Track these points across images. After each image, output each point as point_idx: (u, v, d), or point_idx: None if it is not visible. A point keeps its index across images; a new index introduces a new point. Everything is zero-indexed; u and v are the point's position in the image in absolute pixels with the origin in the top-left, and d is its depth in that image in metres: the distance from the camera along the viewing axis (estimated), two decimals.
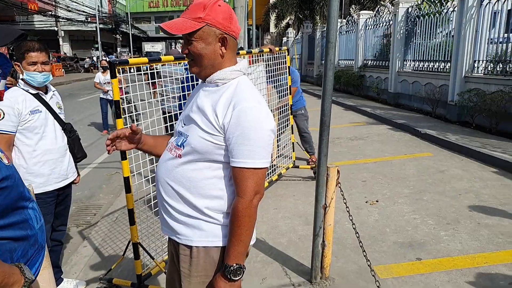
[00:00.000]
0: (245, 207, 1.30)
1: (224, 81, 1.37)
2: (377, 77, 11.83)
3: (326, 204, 2.87)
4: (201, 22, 1.30)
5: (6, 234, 1.02)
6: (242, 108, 1.28)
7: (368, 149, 6.34)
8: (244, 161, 1.29)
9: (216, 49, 1.34)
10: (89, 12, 31.82)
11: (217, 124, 1.31)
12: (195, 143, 1.34)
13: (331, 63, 2.68)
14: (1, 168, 1.01)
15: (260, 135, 1.29)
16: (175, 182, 1.40)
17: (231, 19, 1.34)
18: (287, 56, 5.04)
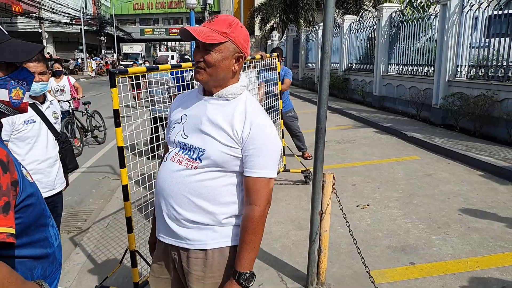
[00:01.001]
0: (260, 215, 1.40)
1: (234, 96, 1.47)
2: (362, 80, 12.00)
3: (322, 210, 2.89)
4: (226, 37, 1.39)
5: (27, 252, 1.03)
6: (259, 124, 1.42)
7: (356, 152, 6.42)
8: (259, 171, 1.41)
9: (230, 65, 1.43)
10: (74, 14, 31.36)
11: (236, 138, 1.41)
12: (216, 156, 1.42)
13: (326, 72, 2.72)
14: (26, 186, 1.02)
15: (273, 149, 1.43)
16: (191, 193, 1.44)
17: (248, 42, 1.48)
18: (277, 62, 5.09)
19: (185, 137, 1.48)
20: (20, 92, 1.07)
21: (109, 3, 43.75)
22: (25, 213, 1.01)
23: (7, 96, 1.04)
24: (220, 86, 1.45)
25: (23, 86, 1.07)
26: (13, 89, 1.05)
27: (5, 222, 0.90)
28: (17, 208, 0.98)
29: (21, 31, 28.09)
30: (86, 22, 32.72)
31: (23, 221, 1.00)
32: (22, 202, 1.00)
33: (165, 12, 42.73)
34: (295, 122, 5.97)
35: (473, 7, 7.13)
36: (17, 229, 0.97)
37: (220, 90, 1.45)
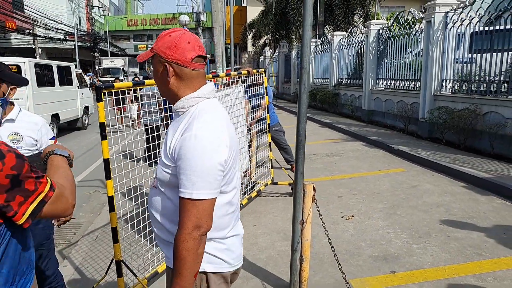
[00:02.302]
0: (182, 240, 1.26)
1: (183, 109, 1.40)
2: (351, 95, 12.20)
3: (303, 219, 2.97)
4: (152, 52, 1.41)
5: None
6: (185, 136, 1.29)
7: (344, 165, 6.52)
8: (183, 190, 1.28)
9: (163, 77, 1.40)
10: (68, 30, 31.57)
11: (170, 154, 1.34)
12: (159, 175, 1.41)
13: (305, 87, 2.84)
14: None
15: (199, 165, 1.26)
16: (155, 209, 1.49)
17: (175, 48, 1.35)
18: (264, 77, 5.23)
19: None
20: None
21: (103, 20, 44.19)
22: None
23: None
24: (173, 100, 1.43)
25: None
26: None
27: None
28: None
29: (15, 47, 28.22)
30: (80, 38, 32.96)
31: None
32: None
33: (159, 28, 43.12)
34: (282, 135, 6.07)
35: (456, 24, 7.37)
36: None
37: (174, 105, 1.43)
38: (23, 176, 1.01)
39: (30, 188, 1.03)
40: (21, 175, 1.01)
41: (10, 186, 0.99)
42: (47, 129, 2.31)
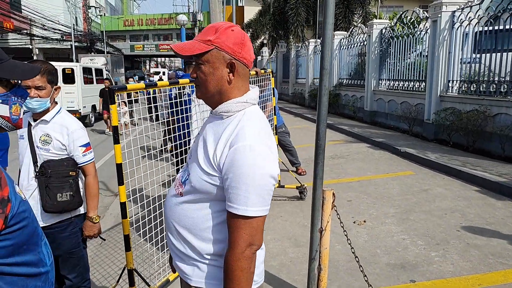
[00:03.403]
0: (235, 260, 1.19)
1: (229, 113, 1.28)
2: (352, 95, 12.10)
3: (322, 227, 2.84)
4: (210, 45, 1.24)
5: (20, 270, 1.00)
6: (237, 147, 1.18)
7: (350, 168, 6.40)
8: (236, 206, 1.18)
9: (223, 75, 1.26)
10: (65, 30, 31.28)
11: (215, 163, 1.22)
12: (195, 182, 1.27)
13: (325, 88, 2.70)
14: (20, 203, 1.00)
15: (255, 180, 1.17)
16: (176, 221, 1.35)
17: (243, 45, 1.26)
18: (271, 78, 5.09)
19: (190, 157, 1.39)
20: (18, 108, 1.10)
21: (99, 20, 43.90)
22: (17, 232, 0.98)
23: (7, 111, 1.06)
24: (219, 101, 1.29)
25: (21, 102, 1.10)
26: (13, 105, 1.07)
27: None
28: (9, 227, 0.95)
29: (12, 48, 27.90)
30: (77, 38, 32.64)
31: (15, 241, 0.98)
32: (14, 219, 0.97)
33: (155, 28, 42.98)
34: (287, 137, 5.99)
35: (463, 23, 7.27)
36: (9, 249, 0.96)
37: (217, 106, 1.30)
38: None
39: None
40: None
41: None
42: (79, 135, 2.21)
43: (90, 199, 2.31)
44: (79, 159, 2.22)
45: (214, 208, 1.28)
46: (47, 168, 2.15)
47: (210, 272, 1.32)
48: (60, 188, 2.15)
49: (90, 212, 2.31)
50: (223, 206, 1.25)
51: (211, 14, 24.94)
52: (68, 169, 2.18)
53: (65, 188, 2.16)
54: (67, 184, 2.18)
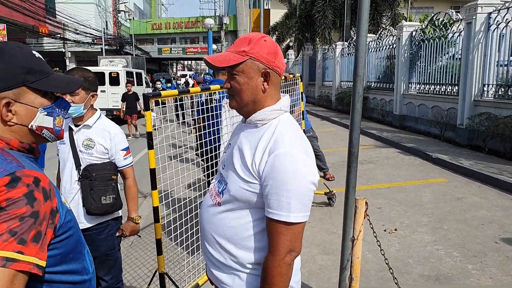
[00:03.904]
0: (275, 266, 1.20)
1: (264, 121, 1.30)
2: (381, 99, 11.87)
3: (354, 237, 2.79)
4: (245, 56, 1.27)
5: (66, 278, 1.02)
6: (277, 154, 1.20)
7: (379, 174, 6.27)
8: (277, 213, 1.19)
9: (258, 84, 1.28)
10: (95, 34, 32.28)
11: (253, 171, 1.24)
12: (234, 191, 1.28)
13: (359, 95, 2.66)
14: (65, 214, 1.02)
15: (296, 185, 1.18)
16: (215, 231, 1.35)
17: (276, 55, 1.30)
18: (300, 83, 5.06)
19: (223, 167, 1.39)
20: (61, 119, 1.13)
21: (128, 24, 45.00)
22: (64, 241, 1.00)
23: (52, 123, 1.09)
24: (253, 110, 1.31)
25: (64, 114, 1.13)
26: (56, 117, 1.10)
27: (34, 252, 0.88)
28: (58, 237, 0.97)
29: (47, 51, 29.00)
30: (107, 42, 33.63)
31: (63, 251, 1.00)
32: (62, 229, 0.99)
33: (182, 31, 43.61)
34: (315, 141, 5.91)
35: (500, 25, 7.00)
36: (57, 258, 0.97)
37: (251, 115, 1.32)
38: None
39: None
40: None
41: None
42: (120, 139, 2.29)
43: (130, 201, 2.40)
44: (120, 162, 2.29)
45: (254, 216, 1.29)
46: (91, 171, 2.20)
47: (251, 281, 1.32)
48: (104, 191, 2.22)
49: (132, 213, 2.40)
50: (263, 214, 1.25)
51: (237, 18, 25.12)
52: (110, 172, 2.26)
53: (109, 191, 2.23)
54: (110, 187, 2.25)
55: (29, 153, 1.06)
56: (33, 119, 1.04)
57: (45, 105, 1.06)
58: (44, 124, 1.07)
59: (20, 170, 0.93)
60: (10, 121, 1.01)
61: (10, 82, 0.99)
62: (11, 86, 1.00)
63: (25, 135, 1.05)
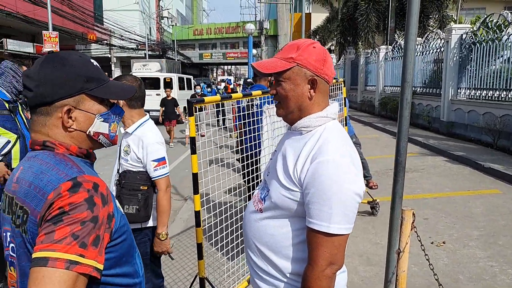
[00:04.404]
0: (314, 278, 1.15)
1: (309, 128, 1.27)
2: (427, 104, 11.40)
3: (400, 249, 2.67)
4: (292, 62, 1.25)
5: (120, 281, 1.04)
6: (320, 161, 1.16)
7: (425, 183, 6.00)
8: (317, 223, 1.14)
9: (304, 91, 1.26)
10: (139, 40, 33.58)
11: (295, 178, 1.20)
12: (275, 198, 1.26)
13: (407, 102, 2.55)
14: (121, 217, 1.05)
15: (339, 195, 1.13)
16: (256, 238, 1.33)
17: (325, 62, 1.27)
18: (343, 88, 4.96)
19: (267, 174, 1.38)
20: (116, 125, 1.15)
21: (171, 30, 46.38)
22: (119, 244, 1.02)
23: (107, 129, 1.12)
24: (298, 118, 1.29)
25: (118, 120, 1.16)
26: (112, 123, 1.13)
27: (94, 255, 0.90)
28: (113, 241, 1.00)
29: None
30: (150, 48, 34.86)
31: (117, 254, 1.02)
32: (117, 233, 1.01)
33: (223, 37, 44.32)
34: (358, 148, 5.75)
35: None
36: (112, 262, 0.99)
37: (297, 122, 1.30)
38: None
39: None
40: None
41: None
42: (152, 150, 2.22)
43: (158, 215, 2.28)
44: (151, 173, 2.23)
45: (295, 225, 1.25)
46: (123, 178, 2.23)
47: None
48: (128, 200, 2.19)
49: (158, 228, 2.29)
50: (304, 224, 1.21)
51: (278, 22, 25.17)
52: (140, 182, 2.22)
53: (133, 201, 2.20)
54: (135, 198, 2.20)
55: (87, 158, 1.10)
56: (91, 125, 1.08)
57: (101, 112, 1.09)
58: (101, 130, 1.10)
59: (81, 175, 0.96)
60: (70, 127, 1.05)
61: (71, 90, 1.03)
62: (72, 93, 1.04)
63: (83, 140, 1.08)
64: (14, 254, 1.01)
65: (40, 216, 0.91)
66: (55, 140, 1.04)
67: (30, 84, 1.02)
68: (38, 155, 1.03)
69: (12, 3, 17.23)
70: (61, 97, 1.02)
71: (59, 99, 1.02)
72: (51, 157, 1.01)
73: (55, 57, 1.05)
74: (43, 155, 1.02)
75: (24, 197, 0.97)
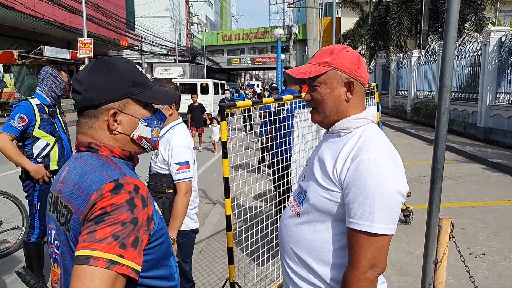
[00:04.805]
0: (355, 281, 1.11)
1: (348, 130, 1.25)
2: (462, 110, 11.01)
3: (437, 259, 2.57)
4: (327, 67, 1.25)
5: (156, 283, 1.05)
6: (361, 159, 1.13)
7: (462, 191, 5.78)
8: (359, 222, 1.11)
9: (341, 94, 1.25)
10: (170, 46, 34.33)
11: (335, 179, 1.18)
12: (314, 200, 1.23)
13: (445, 107, 2.46)
14: (159, 220, 1.05)
15: (382, 194, 1.10)
16: (294, 243, 1.30)
17: (359, 64, 1.27)
18: (376, 92, 4.86)
19: (303, 179, 1.36)
20: (158, 130, 1.16)
21: (200, 35, 47.13)
22: (157, 246, 1.03)
23: (150, 134, 1.13)
24: (335, 121, 1.28)
25: (160, 125, 1.17)
26: (154, 128, 1.14)
27: (132, 256, 0.91)
28: (152, 243, 1.00)
29: None
30: (180, 53, 35.55)
31: (155, 256, 1.02)
32: (155, 236, 1.01)
33: (251, 42, 44.62)
34: None
35: None
36: (149, 264, 1.00)
37: (334, 125, 1.28)
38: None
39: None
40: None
41: None
42: (177, 153, 2.21)
43: (172, 219, 2.20)
44: (173, 175, 2.22)
45: (335, 230, 1.22)
46: (151, 180, 2.25)
47: None
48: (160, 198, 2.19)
49: (170, 232, 2.20)
50: (344, 228, 1.18)
51: (307, 27, 25.08)
52: (165, 185, 2.21)
53: (157, 204, 2.17)
54: (160, 200, 2.18)
55: (129, 161, 1.12)
56: (134, 129, 1.10)
57: (145, 116, 1.11)
58: (144, 134, 1.11)
59: (122, 177, 0.97)
60: (115, 130, 1.07)
61: (118, 94, 1.06)
62: (118, 97, 1.06)
63: (126, 143, 1.10)
64: (58, 251, 1.04)
65: (83, 215, 0.93)
66: (100, 142, 1.06)
67: (79, 88, 1.05)
68: (83, 156, 1.05)
69: (50, 12, 18.05)
70: (107, 101, 1.05)
71: (106, 103, 1.04)
72: (95, 159, 1.03)
73: (103, 62, 1.07)
74: (87, 156, 1.04)
75: (69, 196, 1.00)
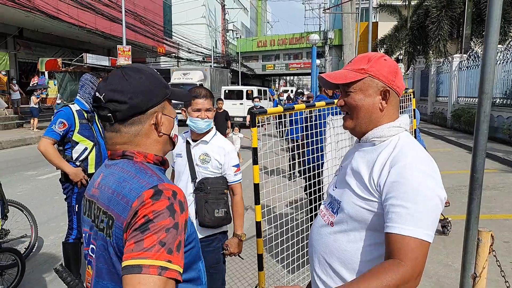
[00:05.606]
0: (407, 279, 1.03)
1: (382, 138, 1.23)
2: (508, 117, 10.47)
3: (476, 273, 2.46)
4: (364, 74, 1.24)
5: (185, 286, 1.06)
6: (401, 165, 1.12)
7: (506, 202, 5.49)
8: (406, 227, 1.05)
9: (375, 102, 1.24)
10: (205, 52, 34.94)
11: (372, 187, 1.16)
12: (349, 209, 1.21)
13: (485, 115, 2.37)
14: (191, 225, 1.07)
15: (423, 198, 1.07)
16: (327, 253, 1.27)
17: (396, 74, 1.25)
18: (412, 99, 4.73)
19: (334, 189, 1.35)
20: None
21: (236, 42, 47.65)
22: (189, 250, 1.05)
23: (177, 131, 1.18)
24: (367, 129, 1.26)
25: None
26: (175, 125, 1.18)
27: (178, 260, 0.93)
28: (185, 247, 1.02)
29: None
30: (215, 60, 36.07)
31: (187, 260, 1.04)
32: (188, 240, 1.04)
33: (286, 48, 44.56)
34: None
35: None
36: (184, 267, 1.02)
37: (365, 135, 1.27)
38: None
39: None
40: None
41: None
42: (232, 156, 2.40)
43: (237, 218, 2.42)
44: (231, 177, 2.38)
45: (370, 240, 1.19)
46: (206, 184, 2.31)
47: None
48: (217, 204, 2.31)
49: (238, 230, 2.42)
50: (379, 238, 1.16)
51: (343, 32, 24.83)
52: (223, 186, 2.36)
53: (221, 205, 2.32)
54: (222, 201, 2.33)
55: (161, 165, 1.13)
56: (171, 128, 1.14)
57: (175, 115, 1.16)
58: (176, 132, 1.17)
59: (161, 183, 0.99)
60: (160, 132, 1.10)
61: (159, 97, 1.09)
62: (161, 99, 1.10)
63: (166, 143, 1.14)
64: (93, 254, 1.07)
65: (126, 223, 0.96)
66: (134, 149, 1.08)
67: (123, 98, 1.04)
68: (118, 163, 1.08)
69: (92, 21, 18.92)
70: (153, 105, 1.08)
71: (152, 107, 1.08)
72: (131, 165, 1.05)
73: (133, 70, 1.09)
74: (123, 163, 1.07)
75: (107, 203, 1.02)
